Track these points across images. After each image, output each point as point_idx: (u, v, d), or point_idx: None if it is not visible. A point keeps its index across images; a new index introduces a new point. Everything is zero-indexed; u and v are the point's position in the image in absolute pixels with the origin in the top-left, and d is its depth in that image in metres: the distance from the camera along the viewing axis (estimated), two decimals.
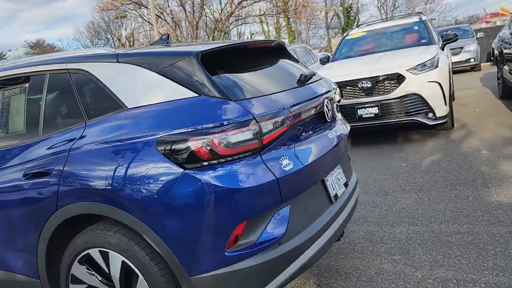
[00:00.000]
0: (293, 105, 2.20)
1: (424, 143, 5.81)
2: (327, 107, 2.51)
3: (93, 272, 2.22)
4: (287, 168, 2.05)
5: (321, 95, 2.49)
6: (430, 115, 5.72)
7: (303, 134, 2.29)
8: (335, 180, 2.55)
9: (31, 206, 2.29)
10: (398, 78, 5.71)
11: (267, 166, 1.99)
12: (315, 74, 2.75)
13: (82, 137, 2.19)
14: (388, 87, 5.77)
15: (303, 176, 2.16)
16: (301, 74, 2.53)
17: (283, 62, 2.69)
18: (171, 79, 2.09)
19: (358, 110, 5.90)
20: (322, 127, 2.49)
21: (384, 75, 5.76)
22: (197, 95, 2.03)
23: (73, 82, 2.32)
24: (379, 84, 5.80)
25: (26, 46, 50.88)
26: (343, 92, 6.01)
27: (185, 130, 1.93)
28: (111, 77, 2.22)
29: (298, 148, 2.19)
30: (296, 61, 2.94)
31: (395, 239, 3.16)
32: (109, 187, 2.02)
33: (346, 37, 7.77)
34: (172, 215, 1.93)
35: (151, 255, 2.02)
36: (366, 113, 5.88)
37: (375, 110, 5.83)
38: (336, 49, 7.69)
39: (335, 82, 5.84)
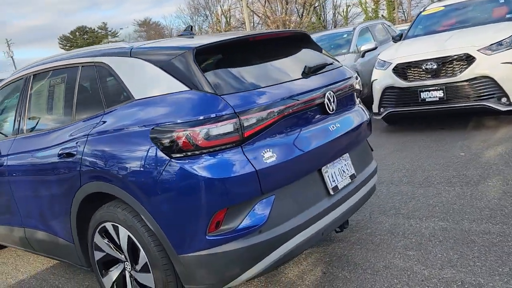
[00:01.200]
0: (283, 99, 2.25)
1: (496, 131, 5.34)
2: (328, 99, 2.50)
3: (109, 243, 2.54)
4: (269, 161, 2.13)
5: (322, 87, 2.49)
6: (504, 100, 5.22)
7: (295, 127, 2.33)
8: (337, 172, 2.55)
9: (64, 181, 2.66)
10: (468, 59, 5.27)
11: (247, 158, 2.09)
12: (328, 64, 2.74)
13: (98, 124, 2.48)
14: (455, 69, 5.36)
15: (289, 168, 2.22)
16: (305, 66, 2.54)
17: (293, 53, 2.72)
18: (169, 73, 2.26)
19: (421, 93, 5.59)
20: (322, 119, 2.49)
21: (451, 56, 5.35)
22: (188, 89, 2.18)
23: (97, 74, 2.61)
24: (445, 66, 5.41)
25: (135, 24, 54.70)
26: (407, 74, 5.72)
27: (171, 122, 2.10)
28: (124, 70, 2.46)
29: (286, 141, 2.25)
30: (319, 49, 2.94)
31: (418, 234, 3.07)
32: (113, 170, 2.29)
33: (422, 13, 7.26)
34: (160, 198, 2.15)
35: (149, 232, 2.26)
36: (429, 97, 5.55)
37: (439, 93, 5.48)
38: (409, 26, 7.24)
39: (398, 64, 5.68)
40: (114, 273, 2.59)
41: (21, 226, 3.25)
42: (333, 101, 2.55)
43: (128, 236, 2.37)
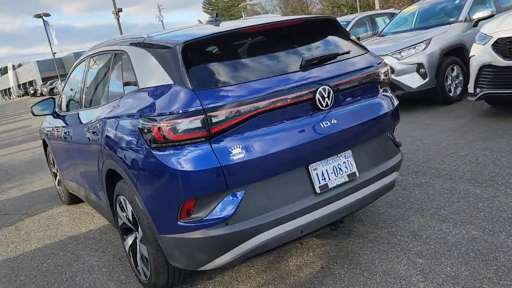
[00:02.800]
0: (262, 95, 2.23)
1: None
2: (321, 94, 2.38)
3: (123, 213, 2.88)
4: (236, 157, 2.16)
5: (315, 81, 2.38)
6: None
7: (275, 123, 2.29)
8: (331, 170, 2.46)
9: (95, 155, 3.05)
10: None
11: (214, 154, 2.16)
12: (340, 54, 2.58)
13: (114, 108, 2.77)
14: None
15: (262, 165, 2.22)
16: (304, 58, 2.44)
17: (300, 43, 2.61)
18: (162, 66, 2.41)
19: None
20: (312, 115, 2.40)
21: None
22: (172, 83, 2.31)
23: (122, 62, 2.88)
24: None
25: None
26: (509, 50, 4.93)
27: (151, 114, 2.27)
28: (136, 60, 2.68)
29: (261, 138, 2.24)
30: (340, 36, 2.78)
31: (441, 240, 2.80)
32: (117, 152, 2.57)
33: None
34: (144, 183, 2.37)
35: (142, 210, 2.51)
36: None
37: None
38: None
39: (499, 38, 4.90)
40: (130, 239, 2.94)
41: (82, 186, 3.83)
42: (329, 96, 2.42)
43: (131, 210, 2.66)
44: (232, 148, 2.18)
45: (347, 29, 9.28)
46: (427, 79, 6.40)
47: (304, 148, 2.34)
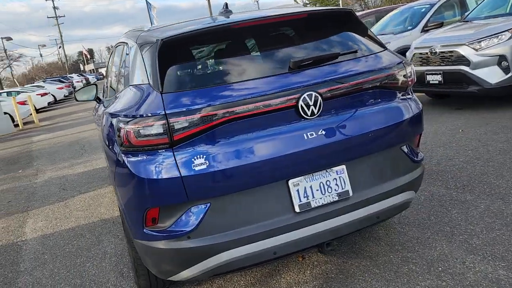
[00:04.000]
0: (233, 101, 2.02)
1: None
2: (305, 101, 2.09)
3: None
4: (198, 168, 1.99)
5: (302, 87, 2.09)
6: None
7: (247, 132, 2.06)
8: (316, 186, 2.17)
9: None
10: None
11: (176, 163, 2.01)
12: (346, 53, 2.26)
13: (110, 103, 2.73)
14: None
15: (228, 178, 2.02)
16: (291, 60, 2.15)
17: (296, 41, 2.32)
18: (144, 64, 2.29)
19: None
20: (297, 124, 2.11)
21: None
22: (147, 83, 2.18)
23: (126, 55, 2.83)
24: None
25: None
26: None
27: (121, 116, 2.17)
28: (131, 54, 2.60)
29: (229, 148, 2.03)
30: (356, 31, 2.44)
31: (457, 277, 2.37)
32: (104, 148, 2.55)
33: None
34: (118, 183, 2.32)
35: (121, 210, 2.46)
36: None
37: None
38: None
39: None
40: None
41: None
42: (316, 104, 2.12)
43: None
44: (196, 157, 2.01)
45: (428, 15, 8.41)
46: (509, 74, 5.52)
47: (282, 161, 2.08)
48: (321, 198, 2.18)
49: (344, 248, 2.88)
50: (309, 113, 2.11)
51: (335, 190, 2.21)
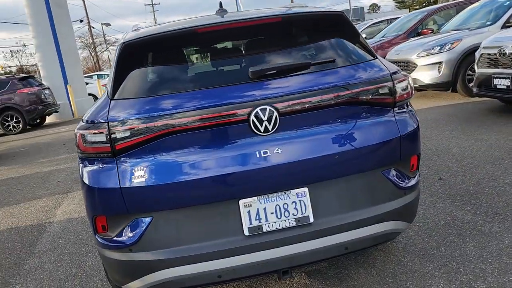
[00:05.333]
0: (178, 112, 1.89)
1: None
2: (256, 116, 1.89)
3: None
4: (136, 180, 1.91)
5: (256, 100, 1.90)
6: None
7: (198, 145, 1.92)
8: (271, 209, 1.98)
9: None
10: None
11: (117, 173, 1.94)
12: (324, 62, 2.03)
13: None
14: None
15: (171, 192, 1.91)
16: (251, 70, 1.96)
17: (267, 48, 2.11)
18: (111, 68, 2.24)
19: None
20: (250, 140, 1.93)
21: None
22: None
23: None
24: None
25: None
26: None
27: (81, 120, 2.14)
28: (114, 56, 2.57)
29: (175, 160, 1.92)
30: (349, 37, 2.18)
31: None
32: None
33: None
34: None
35: None
36: None
37: None
38: None
39: None
40: None
41: None
42: (271, 119, 1.91)
43: None
44: (137, 169, 1.92)
45: None
46: None
47: (231, 179, 1.92)
48: (275, 222, 1.98)
49: (331, 272, 2.64)
50: (262, 129, 1.91)
51: (293, 214, 1.99)
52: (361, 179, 2.07)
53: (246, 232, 1.96)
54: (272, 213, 1.98)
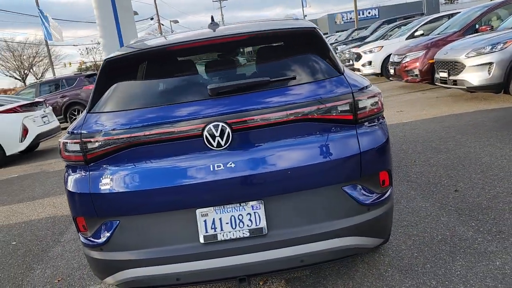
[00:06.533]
0: (141, 126, 2.06)
1: None
2: (210, 131, 1.99)
3: None
4: (103, 187, 2.10)
5: (210, 116, 2.01)
6: None
7: (160, 158, 2.08)
8: (227, 219, 2.09)
9: None
10: None
11: (89, 180, 2.15)
12: (275, 80, 2.09)
13: None
14: None
15: (134, 199, 2.09)
16: (208, 86, 2.06)
17: (232, 65, 2.21)
18: None
19: None
20: (206, 154, 2.04)
21: None
22: None
23: None
24: None
25: None
26: None
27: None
28: None
29: (138, 171, 2.09)
30: (319, 52, 2.22)
31: None
32: None
33: None
34: None
35: None
36: None
37: None
38: None
39: None
40: None
41: None
42: (223, 135, 2.00)
43: None
44: (104, 177, 2.11)
45: None
46: None
47: (187, 190, 2.05)
48: (230, 232, 2.08)
49: (310, 281, 2.68)
50: (215, 144, 2.02)
51: (247, 225, 2.08)
52: (319, 194, 2.11)
53: (202, 240, 2.08)
54: (227, 223, 2.08)
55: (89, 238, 2.26)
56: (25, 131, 8.40)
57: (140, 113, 2.11)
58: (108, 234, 2.17)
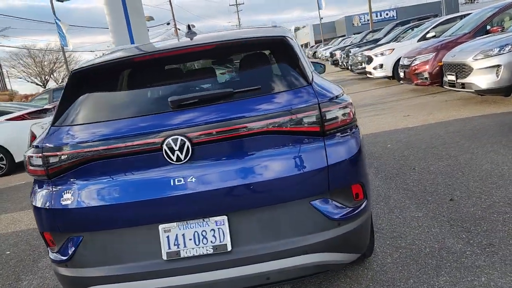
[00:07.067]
0: (102, 139, 2.04)
1: None
2: (169, 145, 1.95)
3: None
4: (64, 202, 2.08)
5: (170, 129, 1.97)
6: None
7: (120, 172, 2.04)
8: (190, 235, 2.04)
9: None
10: None
11: (51, 194, 2.12)
12: (238, 91, 2.03)
13: None
14: None
15: (93, 215, 2.05)
16: (168, 99, 2.02)
17: (196, 76, 2.16)
18: None
19: None
20: (167, 168, 1.99)
21: None
22: None
23: None
24: None
25: None
26: None
27: None
28: None
29: (97, 185, 2.06)
30: (287, 61, 2.17)
31: None
32: None
33: None
34: None
35: None
36: None
37: None
38: None
39: None
40: None
41: None
42: (182, 148, 1.95)
43: None
44: (66, 192, 2.09)
45: None
46: None
47: (148, 205, 2.01)
48: (193, 249, 2.03)
49: None
50: (174, 158, 1.97)
51: (211, 242, 2.02)
52: (285, 209, 2.04)
53: (165, 257, 2.04)
54: (190, 239, 2.03)
55: (55, 253, 2.24)
56: (33, 138, 8.51)
57: (101, 126, 2.08)
58: (72, 250, 2.14)
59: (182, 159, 1.98)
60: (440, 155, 4.94)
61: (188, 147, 1.97)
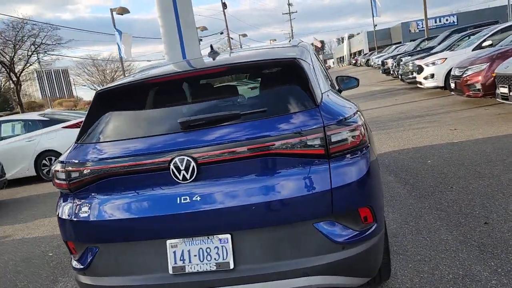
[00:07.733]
0: (119, 157, 2.17)
1: None
2: (175, 165, 2.03)
3: None
4: (83, 215, 2.22)
5: (177, 149, 2.06)
6: None
7: (127, 189, 2.18)
8: (195, 252, 2.11)
9: None
10: None
11: (73, 207, 2.28)
12: (244, 114, 2.09)
13: None
14: None
15: (107, 228, 2.18)
16: (178, 120, 2.11)
17: (207, 97, 2.24)
18: None
19: None
20: (174, 187, 2.08)
21: None
22: None
23: None
24: None
25: None
26: None
27: None
28: None
29: (111, 201, 2.19)
30: (298, 83, 2.21)
31: None
32: None
33: None
34: None
35: None
36: None
37: None
38: None
39: None
40: None
41: None
42: (188, 168, 2.03)
43: None
44: (85, 205, 2.24)
45: None
46: None
47: (156, 221, 2.10)
48: (197, 265, 2.09)
49: None
50: (180, 177, 2.05)
51: (214, 259, 2.08)
52: (288, 230, 2.06)
53: (171, 271, 2.12)
54: (195, 255, 2.10)
55: (76, 261, 2.39)
56: None
57: (117, 144, 2.21)
58: (89, 259, 2.28)
59: (188, 178, 2.06)
60: (483, 173, 4.70)
61: (193, 166, 2.04)
